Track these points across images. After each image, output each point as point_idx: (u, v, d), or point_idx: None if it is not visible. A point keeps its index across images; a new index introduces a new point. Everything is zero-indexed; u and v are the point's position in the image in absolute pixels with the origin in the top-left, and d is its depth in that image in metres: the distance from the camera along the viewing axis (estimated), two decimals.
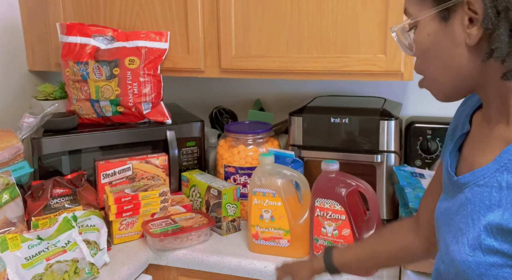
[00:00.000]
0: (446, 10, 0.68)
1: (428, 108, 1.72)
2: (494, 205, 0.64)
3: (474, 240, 0.66)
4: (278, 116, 1.83)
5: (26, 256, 1.15)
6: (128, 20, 1.61)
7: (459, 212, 0.71)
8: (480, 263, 0.65)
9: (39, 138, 1.45)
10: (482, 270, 0.65)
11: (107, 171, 1.48)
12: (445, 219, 0.75)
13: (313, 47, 1.41)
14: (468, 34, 0.66)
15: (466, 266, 0.67)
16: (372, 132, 1.42)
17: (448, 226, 0.74)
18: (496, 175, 0.65)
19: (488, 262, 0.64)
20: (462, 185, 0.71)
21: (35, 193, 1.39)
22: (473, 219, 0.67)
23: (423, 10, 0.71)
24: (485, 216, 0.65)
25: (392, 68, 1.34)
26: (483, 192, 0.66)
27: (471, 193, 0.69)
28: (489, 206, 0.65)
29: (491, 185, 0.65)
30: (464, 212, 0.70)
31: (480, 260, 0.65)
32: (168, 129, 1.58)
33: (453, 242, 0.70)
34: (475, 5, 0.64)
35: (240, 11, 1.46)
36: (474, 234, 0.66)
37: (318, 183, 1.25)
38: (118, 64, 1.54)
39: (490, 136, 0.71)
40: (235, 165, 1.53)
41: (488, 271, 0.64)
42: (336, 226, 1.22)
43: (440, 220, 0.78)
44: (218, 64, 1.54)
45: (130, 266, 1.28)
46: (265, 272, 1.27)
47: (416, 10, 0.73)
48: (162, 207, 1.43)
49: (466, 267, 0.67)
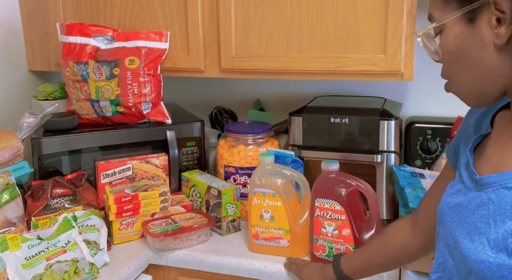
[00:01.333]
0: (472, 11, 0.67)
1: (428, 108, 1.72)
2: None
3: (498, 241, 0.65)
4: (278, 116, 1.83)
5: (26, 256, 1.15)
6: (128, 20, 1.61)
7: (477, 211, 0.70)
8: (504, 265, 0.64)
9: (39, 138, 1.45)
10: (505, 272, 0.64)
11: (107, 171, 1.48)
12: (455, 215, 0.75)
13: (313, 47, 1.41)
14: (496, 34, 0.66)
15: (485, 266, 0.66)
16: (372, 132, 1.42)
17: (460, 223, 0.73)
18: None
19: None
20: (486, 184, 0.70)
21: (35, 193, 1.39)
22: (496, 221, 0.66)
23: (447, 13, 0.71)
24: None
25: (392, 68, 1.34)
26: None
27: (495, 194, 0.68)
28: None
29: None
30: (484, 212, 0.69)
31: (503, 262, 0.64)
32: (168, 129, 1.58)
33: (467, 239, 0.70)
34: (502, 4, 0.64)
35: (240, 11, 1.46)
36: (498, 236, 0.65)
37: (318, 183, 1.25)
38: (118, 64, 1.54)
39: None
40: (235, 165, 1.53)
41: (511, 274, 0.64)
42: (336, 226, 1.21)
43: (447, 215, 0.77)
44: (218, 64, 1.54)
45: (130, 266, 1.28)
46: (265, 272, 1.27)
47: (440, 14, 0.72)
48: (162, 207, 1.43)
49: (486, 267, 0.66)
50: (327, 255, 1.24)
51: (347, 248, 1.20)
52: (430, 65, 1.68)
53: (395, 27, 1.31)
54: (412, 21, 1.30)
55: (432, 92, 1.71)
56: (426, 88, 1.71)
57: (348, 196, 1.21)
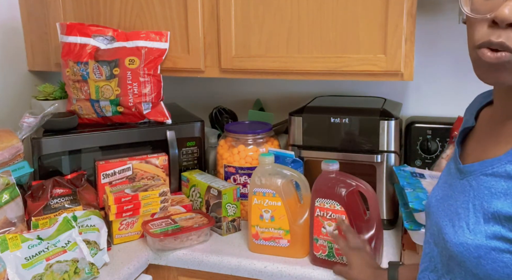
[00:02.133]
0: None
1: (428, 108, 1.72)
2: (501, 193, 0.67)
3: (477, 224, 0.69)
4: (278, 116, 1.83)
5: (26, 256, 1.15)
6: (128, 20, 1.61)
7: (459, 198, 0.74)
8: (480, 246, 0.68)
9: (39, 138, 1.45)
10: (481, 253, 0.67)
11: (107, 171, 1.48)
12: (440, 205, 0.79)
13: (313, 47, 1.41)
14: None
15: (463, 248, 0.70)
16: (372, 132, 1.42)
17: (444, 211, 0.77)
18: (506, 166, 0.68)
19: (489, 246, 0.67)
20: (467, 173, 0.75)
21: (35, 193, 1.39)
22: (475, 205, 0.70)
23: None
24: (491, 203, 0.68)
25: (392, 68, 1.34)
26: (491, 180, 0.70)
27: (476, 181, 0.72)
28: (495, 193, 0.68)
29: (499, 175, 0.68)
30: (464, 198, 0.73)
31: (481, 243, 0.68)
32: (168, 129, 1.58)
33: (449, 225, 0.74)
34: None
35: (240, 11, 1.46)
36: (476, 219, 0.69)
37: (318, 183, 1.25)
38: (118, 64, 1.54)
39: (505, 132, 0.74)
40: (235, 165, 1.53)
41: (487, 254, 0.67)
42: (336, 226, 1.21)
43: (433, 206, 0.82)
44: (218, 64, 1.54)
45: (130, 266, 1.28)
46: (265, 272, 1.27)
47: None
48: (162, 207, 1.43)
49: (464, 249, 0.70)
50: (327, 255, 1.24)
51: None
52: (430, 65, 1.70)
53: (395, 27, 1.31)
54: (412, 21, 1.30)
55: (432, 92, 1.71)
56: (426, 88, 1.72)
57: (348, 196, 1.21)
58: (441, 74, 1.69)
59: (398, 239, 1.39)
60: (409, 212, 1.23)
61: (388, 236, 1.41)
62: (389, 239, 1.39)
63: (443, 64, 1.68)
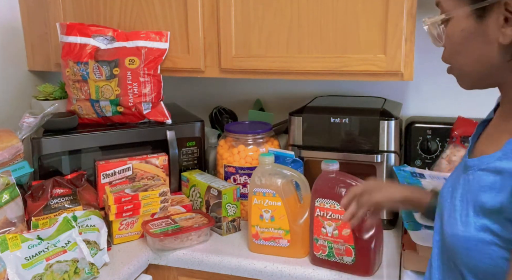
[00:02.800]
0: (483, 9, 0.70)
1: (428, 108, 1.72)
2: (487, 186, 0.70)
3: (467, 217, 0.72)
4: (278, 116, 1.83)
5: (26, 256, 1.15)
6: (128, 20, 1.61)
7: (459, 191, 0.78)
8: (470, 238, 0.71)
9: (39, 138, 1.45)
10: (470, 245, 0.71)
11: (107, 171, 1.48)
12: (448, 196, 0.82)
13: (313, 47, 1.41)
14: (502, 33, 0.69)
15: (455, 240, 0.74)
16: (372, 132, 1.42)
17: (447, 202, 0.80)
18: (496, 162, 0.70)
19: (477, 238, 0.70)
20: (469, 167, 0.77)
21: (35, 193, 1.39)
22: (467, 198, 0.74)
23: (458, 7, 0.73)
24: (479, 197, 0.71)
25: (392, 68, 1.34)
26: (483, 175, 0.72)
27: (473, 176, 0.75)
28: (483, 187, 0.71)
29: (490, 170, 0.71)
30: (462, 191, 0.76)
31: (470, 235, 0.71)
32: (168, 129, 1.58)
33: (448, 216, 0.78)
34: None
35: (240, 11, 1.46)
36: (467, 212, 0.73)
37: (318, 183, 1.25)
38: (118, 64, 1.54)
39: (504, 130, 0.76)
40: (235, 165, 1.53)
41: (475, 246, 0.70)
42: (336, 226, 1.21)
43: (442, 197, 0.84)
44: (218, 64, 1.54)
45: (130, 266, 1.28)
46: (265, 272, 1.27)
47: (450, 5, 0.75)
48: (162, 207, 1.43)
49: (455, 240, 0.73)
50: (327, 255, 1.24)
51: (347, 248, 1.20)
52: (430, 65, 1.70)
53: (395, 27, 1.31)
54: (412, 21, 1.30)
55: (432, 92, 1.71)
56: (426, 88, 1.71)
57: None
58: (441, 74, 1.68)
59: (398, 239, 1.39)
60: (409, 212, 1.23)
61: (388, 236, 1.41)
62: (389, 239, 1.39)
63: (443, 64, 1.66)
